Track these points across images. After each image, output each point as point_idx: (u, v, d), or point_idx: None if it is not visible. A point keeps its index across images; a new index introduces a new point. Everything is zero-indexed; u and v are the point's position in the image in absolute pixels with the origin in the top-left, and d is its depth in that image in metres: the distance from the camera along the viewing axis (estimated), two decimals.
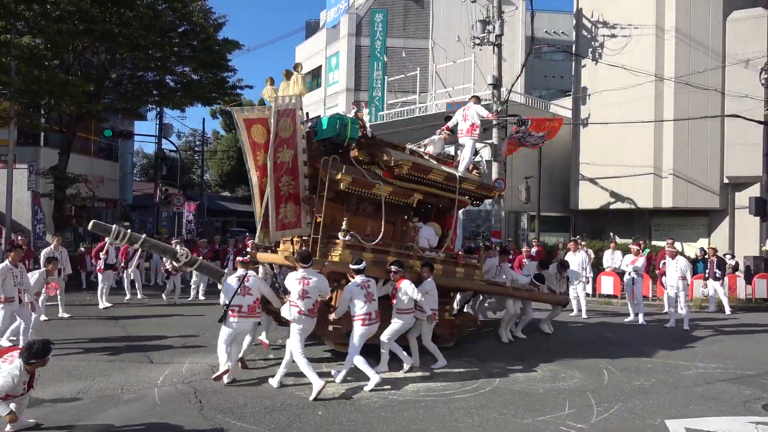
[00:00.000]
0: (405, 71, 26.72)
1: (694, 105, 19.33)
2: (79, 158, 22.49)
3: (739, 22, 19.60)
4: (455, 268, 8.84)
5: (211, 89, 20.35)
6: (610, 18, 21.44)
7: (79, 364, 7.64)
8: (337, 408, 6.12)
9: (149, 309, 12.56)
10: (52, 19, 15.56)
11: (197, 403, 6.16)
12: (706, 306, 13.92)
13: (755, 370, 8.04)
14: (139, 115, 25.20)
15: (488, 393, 6.76)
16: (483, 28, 19.45)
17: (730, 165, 19.61)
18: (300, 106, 8.09)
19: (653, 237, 21.13)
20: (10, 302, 7.98)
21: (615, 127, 20.07)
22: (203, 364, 7.78)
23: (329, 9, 34.03)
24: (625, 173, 20.61)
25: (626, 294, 12.64)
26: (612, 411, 6.17)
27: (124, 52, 17.67)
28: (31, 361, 5.01)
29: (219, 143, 53.68)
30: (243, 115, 7.92)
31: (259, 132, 7.96)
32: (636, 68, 19.65)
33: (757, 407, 6.40)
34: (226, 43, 19.85)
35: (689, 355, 8.97)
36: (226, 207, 46.39)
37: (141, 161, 58.25)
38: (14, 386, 4.92)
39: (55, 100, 16.73)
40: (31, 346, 5.11)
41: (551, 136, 10.77)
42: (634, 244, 13.35)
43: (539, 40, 25.28)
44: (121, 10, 16.50)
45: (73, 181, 18.50)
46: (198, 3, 19.27)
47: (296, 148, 7.96)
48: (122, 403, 6.13)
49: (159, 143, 31.13)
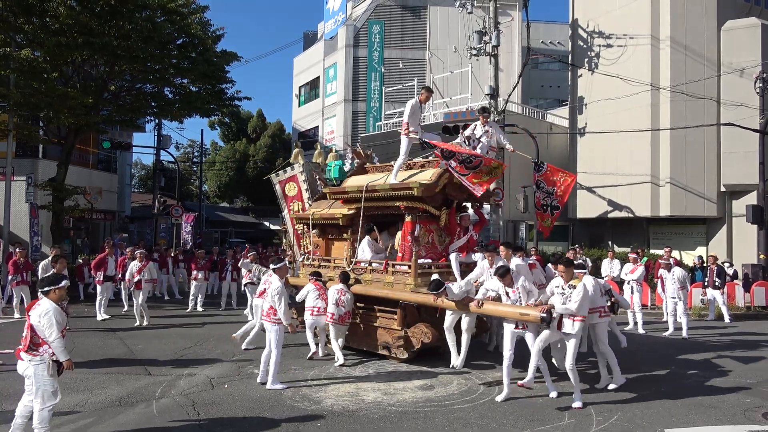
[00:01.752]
0: (402, 82, 26.88)
1: (690, 114, 19.44)
2: (77, 170, 22.50)
3: (734, 32, 19.77)
4: (384, 276, 8.84)
5: (209, 101, 20.39)
6: (605, 28, 21.63)
7: (77, 377, 7.60)
8: (336, 419, 6.10)
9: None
10: (52, 32, 15.64)
11: (195, 416, 6.13)
12: (706, 314, 13.92)
13: (755, 379, 8.02)
14: (137, 126, 25.20)
15: (487, 403, 6.74)
16: (480, 39, 19.61)
17: (726, 173, 19.68)
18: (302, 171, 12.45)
19: (651, 245, 21.17)
20: None
21: (612, 136, 20.18)
22: (202, 375, 7.76)
23: (327, 20, 34.27)
24: (622, 182, 20.70)
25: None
26: (611, 420, 6.15)
27: (123, 64, 17.72)
28: (46, 289, 5.24)
29: (217, 154, 53.78)
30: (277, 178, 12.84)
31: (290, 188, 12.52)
32: (632, 77, 19.79)
33: (757, 416, 6.38)
34: (225, 54, 19.93)
35: (689, 363, 8.96)
36: (225, 218, 46.43)
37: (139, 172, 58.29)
38: (62, 314, 5.19)
39: (54, 112, 16.76)
40: (42, 281, 5.43)
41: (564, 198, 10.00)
42: (632, 252, 13.36)
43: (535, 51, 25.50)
44: (120, 23, 16.57)
45: (71, 192, 18.45)
46: (196, 15, 19.33)
47: (302, 200, 12.19)
48: (120, 415, 6.10)
49: (157, 154, 31.16)
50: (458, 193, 9.09)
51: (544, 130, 23.39)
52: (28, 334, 5.08)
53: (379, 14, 30.57)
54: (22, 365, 5.10)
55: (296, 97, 37.76)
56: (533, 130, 20.68)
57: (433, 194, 8.74)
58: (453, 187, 8.95)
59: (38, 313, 5.07)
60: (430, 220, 9.23)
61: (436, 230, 9.37)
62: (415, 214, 8.83)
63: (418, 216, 8.94)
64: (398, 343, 8.48)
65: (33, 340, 5.05)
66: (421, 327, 8.33)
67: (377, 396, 6.94)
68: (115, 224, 28.79)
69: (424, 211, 8.94)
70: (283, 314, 7.16)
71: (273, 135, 50.22)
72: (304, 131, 36.40)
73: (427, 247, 9.14)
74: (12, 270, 12.41)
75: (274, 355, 7.19)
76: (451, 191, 9.03)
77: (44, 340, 5.05)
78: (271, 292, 7.29)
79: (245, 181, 49.49)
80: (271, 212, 44.87)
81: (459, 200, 9.39)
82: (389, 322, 8.77)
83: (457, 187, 8.87)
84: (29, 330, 5.09)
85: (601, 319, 7.33)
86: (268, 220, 46.09)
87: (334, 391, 7.15)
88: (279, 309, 7.15)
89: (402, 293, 8.41)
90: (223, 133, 54.60)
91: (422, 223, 9.16)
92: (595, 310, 7.23)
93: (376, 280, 8.97)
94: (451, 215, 9.27)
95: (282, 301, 7.15)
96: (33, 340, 5.05)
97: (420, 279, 8.35)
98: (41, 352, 5.05)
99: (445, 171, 8.66)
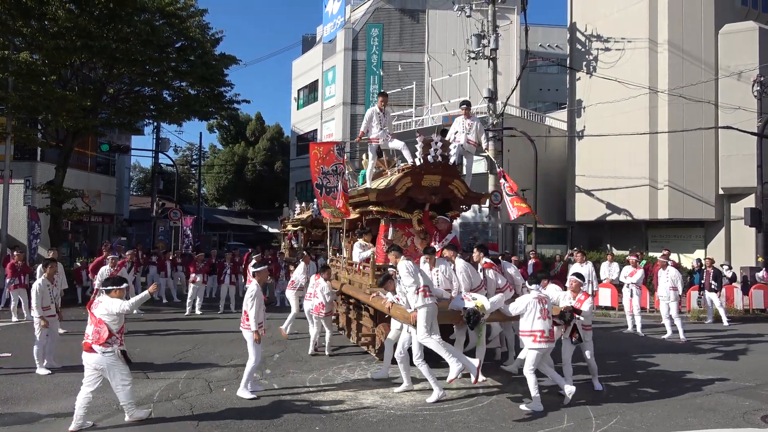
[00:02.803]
0: (401, 85, 26.91)
1: (688, 117, 19.48)
2: (75, 173, 22.47)
3: (731, 35, 19.83)
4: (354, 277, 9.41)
5: (208, 104, 20.39)
6: (603, 32, 21.69)
7: (75, 380, 7.55)
8: (335, 422, 6.08)
9: (145, 324, 12.47)
10: (50, 35, 15.63)
11: (193, 419, 6.11)
12: (704, 317, 13.90)
13: (753, 381, 8.03)
14: (136, 129, 25.19)
15: (486, 406, 6.73)
16: (478, 42, 19.65)
17: (724, 176, 19.72)
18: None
19: (650, 248, 21.18)
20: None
21: (610, 139, 20.21)
22: (200, 379, 7.74)
23: (326, 24, 34.32)
24: (620, 185, 20.72)
25: (624, 306, 12.63)
26: (611, 424, 6.14)
27: (122, 67, 17.70)
28: (108, 288, 6.09)
29: (216, 157, 53.80)
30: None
31: None
32: (630, 81, 19.84)
33: (755, 419, 6.38)
34: (223, 58, 19.94)
35: (687, 366, 8.95)
36: (224, 221, 46.42)
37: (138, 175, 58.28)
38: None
39: (52, 115, 16.73)
40: (107, 281, 6.43)
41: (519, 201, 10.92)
42: (632, 255, 13.36)
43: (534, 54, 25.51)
44: (118, 26, 16.56)
45: (69, 195, 18.39)
46: (195, 19, 19.35)
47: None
48: (118, 419, 6.07)
49: (156, 157, 31.20)
50: (426, 196, 9.12)
51: (543, 133, 23.44)
52: (104, 328, 5.78)
53: (377, 17, 30.64)
54: (92, 357, 5.78)
55: (295, 100, 37.79)
56: (532, 133, 20.73)
57: (393, 199, 8.94)
58: (418, 191, 9.01)
59: (107, 309, 5.83)
60: (408, 224, 9.38)
61: (417, 233, 9.46)
62: (387, 217, 9.19)
63: (393, 219, 9.26)
64: (367, 341, 8.95)
65: (103, 333, 5.80)
66: (384, 326, 8.47)
67: (376, 399, 6.92)
68: (113, 227, 28.73)
69: (397, 215, 9.19)
70: (252, 318, 6.97)
71: (272, 138, 50.26)
72: (302, 134, 36.42)
73: (406, 250, 9.20)
74: (10, 273, 12.37)
75: (250, 360, 6.97)
76: (417, 194, 9.07)
77: (112, 333, 5.81)
78: (246, 295, 7.16)
79: (244, 184, 49.51)
80: (269, 215, 44.87)
81: (430, 203, 9.28)
82: (368, 320, 9.09)
83: (424, 189, 9.00)
84: (100, 325, 5.79)
85: (535, 344, 6.61)
86: (267, 223, 46.07)
87: (333, 394, 7.13)
88: (249, 313, 6.98)
89: (359, 293, 8.81)
90: (221, 136, 54.65)
91: (399, 227, 9.42)
92: (528, 334, 6.69)
93: (356, 281, 9.38)
94: (425, 218, 9.26)
95: (253, 306, 6.97)
96: (103, 334, 5.80)
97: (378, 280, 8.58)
98: (111, 343, 5.81)
99: (404, 176, 8.90)
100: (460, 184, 9.25)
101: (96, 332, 5.80)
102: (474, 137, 10.07)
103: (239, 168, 48.82)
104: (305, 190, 35.53)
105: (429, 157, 8.88)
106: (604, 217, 21.57)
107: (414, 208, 9.23)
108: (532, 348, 6.65)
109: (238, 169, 48.87)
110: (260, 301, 7.12)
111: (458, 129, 10.15)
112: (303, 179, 36.33)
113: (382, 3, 30.62)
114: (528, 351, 6.77)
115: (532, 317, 6.65)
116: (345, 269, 10.35)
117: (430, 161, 8.89)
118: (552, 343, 6.77)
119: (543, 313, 6.65)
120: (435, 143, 8.88)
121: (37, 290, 8.21)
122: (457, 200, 9.36)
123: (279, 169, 46.62)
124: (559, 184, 23.52)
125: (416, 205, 9.23)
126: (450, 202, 9.45)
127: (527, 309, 6.70)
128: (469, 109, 10.29)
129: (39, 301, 8.14)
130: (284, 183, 42.87)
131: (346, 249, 11.13)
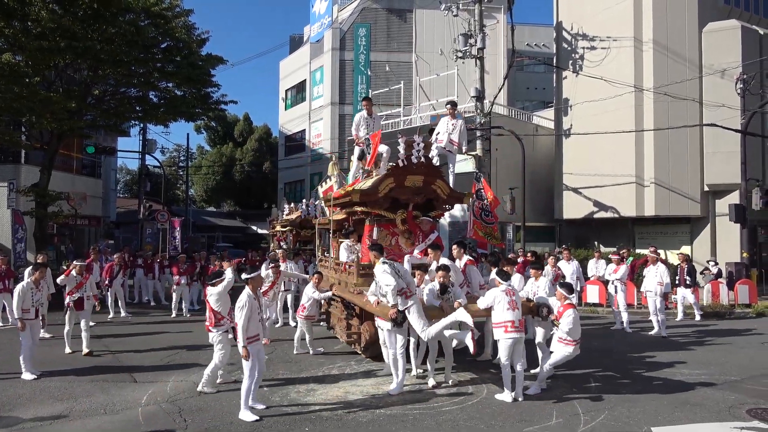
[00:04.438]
0: (389, 84, 26.93)
1: (673, 115, 19.67)
2: (61, 175, 22.21)
3: (714, 34, 20.04)
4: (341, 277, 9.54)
5: (194, 104, 20.27)
6: (589, 30, 21.83)
7: (61, 385, 7.50)
8: (325, 423, 6.07)
9: (132, 327, 12.37)
10: (33, 36, 15.44)
11: (182, 422, 6.07)
12: (691, 313, 13.98)
13: (738, 376, 8.13)
14: (122, 131, 24.94)
15: (475, 405, 6.75)
16: (465, 42, 19.70)
17: (709, 173, 19.94)
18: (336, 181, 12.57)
19: (637, 245, 21.37)
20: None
21: (597, 137, 20.35)
22: (188, 382, 7.68)
23: (313, 24, 34.23)
24: (607, 182, 20.88)
25: (610, 302, 12.74)
26: (599, 420, 6.19)
27: (107, 68, 17.52)
28: (213, 282, 7.24)
29: (204, 158, 53.42)
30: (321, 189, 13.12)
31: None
32: (616, 79, 19.99)
33: (741, 412, 6.46)
34: (210, 58, 19.84)
35: (674, 362, 9.05)
36: (212, 222, 46.11)
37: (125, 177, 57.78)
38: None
39: (36, 117, 16.53)
40: (210, 276, 7.50)
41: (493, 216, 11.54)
42: (614, 254, 13.48)
43: (521, 53, 25.64)
44: (103, 27, 16.41)
45: (54, 198, 18.18)
46: (181, 19, 19.23)
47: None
48: (105, 423, 6.02)
49: (142, 159, 30.93)
50: (410, 196, 9.18)
51: (530, 131, 23.54)
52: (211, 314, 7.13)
53: (365, 17, 30.62)
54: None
55: (283, 101, 37.66)
56: (519, 131, 20.81)
57: (377, 199, 9.00)
58: (401, 191, 9.07)
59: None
60: (393, 223, 9.46)
61: (402, 233, 9.53)
62: (371, 217, 9.26)
63: (378, 219, 9.32)
64: (352, 339, 9.02)
65: (215, 317, 7.11)
66: (369, 324, 8.51)
67: (366, 399, 6.92)
68: (100, 230, 28.45)
69: (381, 215, 9.26)
70: (240, 333, 6.25)
71: (260, 138, 50.04)
72: (291, 134, 36.32)
73: (390, 249, 9.31)
74: None
75: (245, 381, 6.29)
76: (400, 194, 9.13)
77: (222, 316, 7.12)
78: (236, 305, 6.39)
79: (232, 185, 49.24)
80: (258, 216, 44.66)
81: (413, 203, 9.31)
82: (355, 318, 9.15)
83: (407, 189, 9.06)
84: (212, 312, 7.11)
85: (506, 335, 6.78)
86: (256, 224, 45.85)
87: (323, 395, 7.11)
88: (238, 326, 6.28)
89: (345, 292, 8.87)
90: (209, 137, 54.28)
91: (384, 227, 9.47)
92: (499, 325, 6.86)
93: (343, 280, 9.44)
94: (408, 217, 9.30)
95: (242, 317, 6.23)
96: (216, 317, 7.12)
97: (362, 279, 8.61)
98: (223, 324, 7.16)
99: (387, 176, 8.95)
100: (443, 183, 9.33)
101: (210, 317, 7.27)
102: (456, 137, 10.13)
103: (227, 169, 48.57)
104: (294, 190, 35.44)
105: (412, 158, 8.92)
106: (592, 214, 21.73)
107: (398, 208, 9.31)
108: (503, 338, 6.82)
109: (227, 170, 48.62)
110: (252, 311, 6.33)
111: (442, 129, 10.21)
112: (291, 180, 36.24)
113: (370, 3, 30.60)
114: (500, 342, 6.92)
115: (501, 309, 6.85)
116: (333, 269, 10.37)
117: (413, 161, 8.93)
118: (522, 333, 6.95)
119: (511, 305, 6.84)
120: (417, 143, 8.96)
121: (20, 292, 8.14)
122: (440, 200, 9.44)
123: (267, 169, 46.45)
124: (547, 182, 23.66)
125: (400, 205, 9.30)
126: (433, 202, 9.51)
127: (495, 301, 6.91)
128: (454, 109, 10.36)
129: (20, 303, 8.08)
130: (273, 183, 42.72)
131: (334, 249, 11.15)
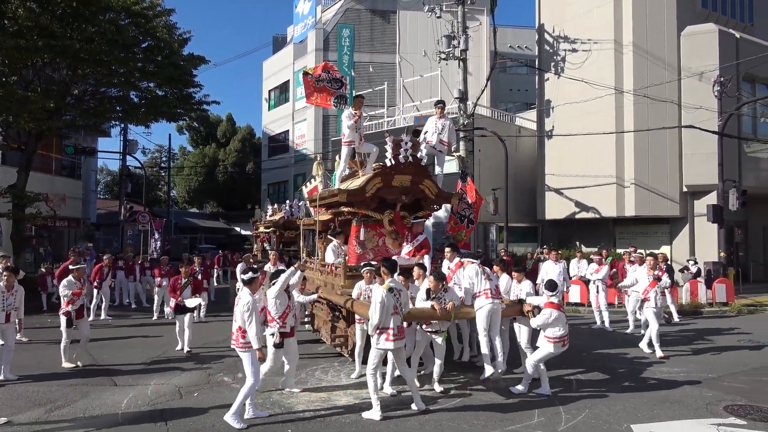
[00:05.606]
0: (372, 86, 26.91)
1: (652, 116, 19.96)
2: (39, 176, 21.82)
3: (693, 37, 20.40)
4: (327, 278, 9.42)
5: (176, 105, 20.05)
6: (570, 33, 22.08)
7: (39, 389, 7.38)
8: (308, 424, 6.05)
9: (113, 330, 12.22)
10: (10, 34, 15.13)
11: (163, 426, 6.01)
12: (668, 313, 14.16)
13: (716, 374, 8.28)
14: (102, 131, 24.65)
15: (459, 405, 6.79)
16: (448, 43, 19.80)
17: (688, 174, 20.27)
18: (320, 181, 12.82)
19: (618, 245, 21.65)
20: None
21: (578, 138, 20.58)
22: (169, 385, 7.61)
23: (296, 24, 34.11)
24: (589, 183, 21.12)
25: (591, 302, 12.91)
26: (579, 418, 6.26)
27: (86, 67, 17.25)
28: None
29: (186, 159, 52.94)
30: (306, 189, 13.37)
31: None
32: (596, 81, 20.24)
33: (718, 409, 6.58)
34: (192, 58, 19.64)
35: (654, 360, 9.19)
36: (195, 223, 45.75)
37: (105, 178, 57.04)
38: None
39: (13, 117, 16.21)
40: (278, 274, 7.10)
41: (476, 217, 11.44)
42: (595, 254, 13.65)
43: (503, 55, 25.85)
44: (82, 26, 16.16)
45: (32, 200, 17.83)
46: (162, 18, 19.01)
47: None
48: (85, 428, 5.93)
49: (123, 160, 30.56)
50: (397, 196, 9.11)
51: (513, 133, 23.73)
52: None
53: (348, 18, 30.60)
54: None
55: (266, 101, 37.46)
56: (502, 133, 20.97)
57: (364, 199, 8.94)
58: (389, 191, 9.02)
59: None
60: (380, 224, 9.37)
61: (389, 234, 9.47)
62: (358, 218, 9.18)
63: (365, 220, 9.24)
64: (339, 342, 8.86)
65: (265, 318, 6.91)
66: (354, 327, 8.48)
67: (349, 401, 6.91)
68: (80, 232, 28.01)
69: (368, 216, 9.19)
70: (254, 336, 6.14)
71: (243, 139, 49.76)
72: (274, 135, 36.14)
73: (376, 250, 9.30)
74: None
75: (248, 383, 6.15)
76: (388, 194, 9.08)
77: (273, 318, 6.91)
78: (240, 308, 6.22)
79: (215, 186, 48.89)
80: (241, 217, 44.38)
81: (401, 203, 9.24)
82: (342, 321, 9.03)
83: (395, 189, 9.00)
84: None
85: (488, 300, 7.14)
86: (239, 225, 45.55)
87: (306, 396, 7.09)
88: (249, 330, 6.14)
89: (331, 294, 8.75)
90: (191, 137, 53.83)
91: (371, 227, 9.40)
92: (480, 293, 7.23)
93: (328, 282, 9.29)
94: (396, 218, 9.23)
95: (253, 320, 6.13)
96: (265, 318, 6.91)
97: (349, 281, 8.46)
98: (270, 326, 6.95)
99: (374, 177, 8.92)
100: (430, 183, 9.25)
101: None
102: (446, 137, 10.10)
103: (210, 170, 48.20)
104: (277, 191, 35.26)
105: (400, 158, 8.89)
106: (574, 215, 21.97)
107: (385, 209, 9.20)
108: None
109: (209, 170, 48.25)
110: (257, 313, 6.27)
111: (430, 129, 10.19)
112: (275, 180, 36.05)
113: (353, 3, 30.59)
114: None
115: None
116: (318, 270, 10.28)
117: (400, 161, 8.90)
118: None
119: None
120: (404, 143, 8.89)
121: None
122: (428, 200, 9.37)
123: (251, 170, 46.18)
124: (530, 183, 23.87)
125: (387, 205, 9.21)
126: (421, 202, 9.45)
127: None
128: (443, 108, 10.31)
129: None
130: (256, 184, 42.47)
131: (320, 250, 11.08)
